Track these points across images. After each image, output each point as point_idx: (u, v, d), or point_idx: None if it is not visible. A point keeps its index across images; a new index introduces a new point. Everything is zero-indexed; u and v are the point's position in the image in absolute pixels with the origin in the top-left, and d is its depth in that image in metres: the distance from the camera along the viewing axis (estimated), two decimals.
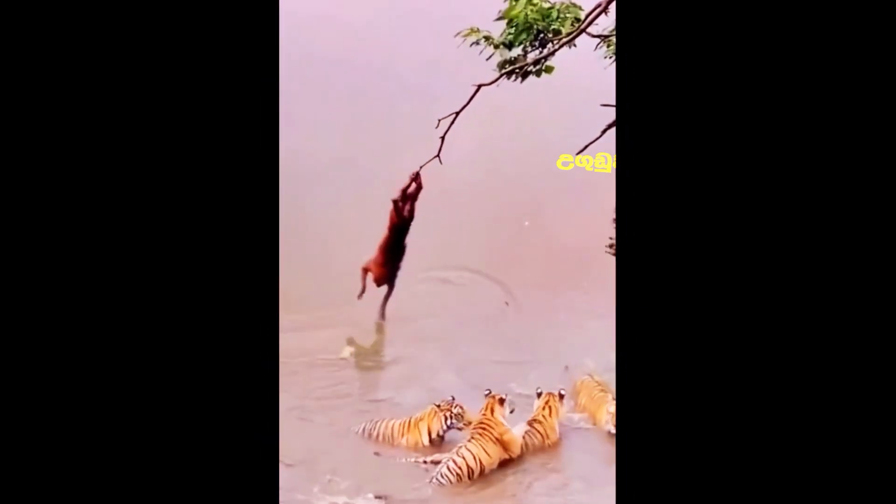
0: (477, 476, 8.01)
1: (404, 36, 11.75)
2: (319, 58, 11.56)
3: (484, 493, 7.88)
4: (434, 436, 8.39)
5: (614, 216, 7.58)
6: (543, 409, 8.56)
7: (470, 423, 8.32)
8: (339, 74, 11.70)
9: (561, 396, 8.64)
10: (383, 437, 8.48)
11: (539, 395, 8.62)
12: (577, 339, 9.50)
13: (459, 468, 7.95)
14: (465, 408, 8.44)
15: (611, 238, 8.56)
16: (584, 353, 9.26)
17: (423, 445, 8.38)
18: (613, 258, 4.94)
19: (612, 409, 8.24)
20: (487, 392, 8.41)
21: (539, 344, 9.58)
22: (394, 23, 11.94)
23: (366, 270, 9.87)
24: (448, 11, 10.29)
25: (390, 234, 9.59)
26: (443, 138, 7.53)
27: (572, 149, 7.07)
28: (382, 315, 9.89)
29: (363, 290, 9.88)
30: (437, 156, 7.86)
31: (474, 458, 8.04)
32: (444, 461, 7.98)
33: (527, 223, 10.79)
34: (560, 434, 8.57)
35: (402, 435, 8.45)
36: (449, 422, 8.40)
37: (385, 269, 9.75)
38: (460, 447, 8.07)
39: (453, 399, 8.48)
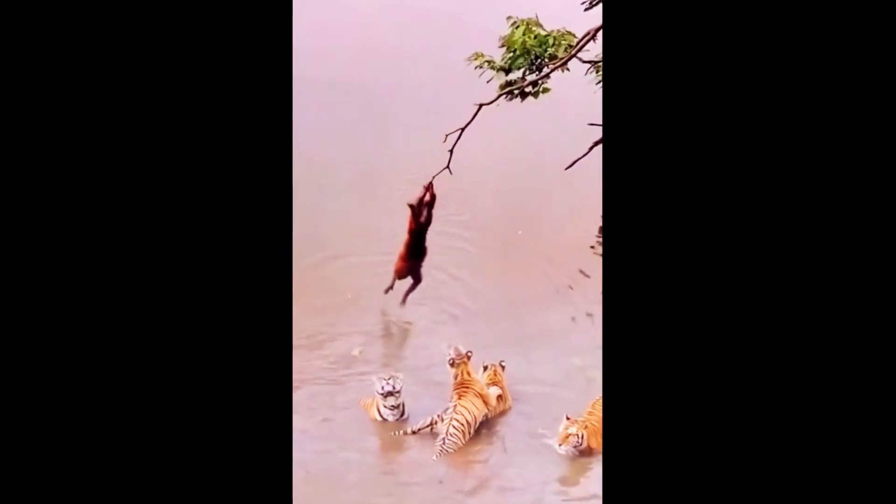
0: (473, 430, 8.57)
1: (414, 54, 12.22)
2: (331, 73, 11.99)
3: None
4: (379, 416, 8.79)
5: (600, 225, 7.92)
6: (495, 375, 9.02)
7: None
8: (350, 88, 12.11)
9: (502, 367, 9.09)
10: (364, 408, 8.95)
11: (485, 368, 9.06)
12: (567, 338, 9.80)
13: (462, 425, 8.50)
14: (398, 383, 8.70)
15: (597, 237, 8.94)
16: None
17: (378, 421, 8.79)
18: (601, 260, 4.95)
19: (573, 430, 8.46)
20: (450, 360, 8.86)
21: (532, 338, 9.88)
22: (406, 42, 12.37)
23: (395, 271, 10.18)
24: (454, 32, 10.74)
25: (410, 238, 9.91)
26: (451, 151, 7.87)
27: (562, 163, 7.26)
28: (403, 302, 10.16)
29: (390, 287, 10.18)
30: (447, 167, 8.18)
31: (469, 412, 8.59)
32: (444, 426, 8.50)
33: (520, 232, 11.07)
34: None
35: (368, 409, 8.91)
36: (383, 405, 8.71)
37: (407, 264, 10.05)
38: (455, 407, 8.58)
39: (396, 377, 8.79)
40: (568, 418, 8.51)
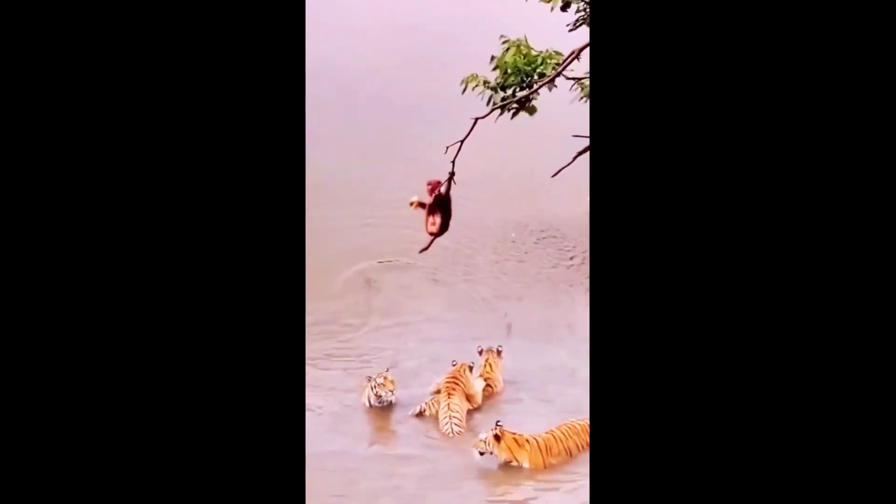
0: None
1: (416, 72, 12.75)
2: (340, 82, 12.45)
3: None
4: (370, 404, 9.26)
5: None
6: (485, 365, 9.49)
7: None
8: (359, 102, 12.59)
9: (499, 352, 9.55)
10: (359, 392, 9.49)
11: (480, 352, 9.52)
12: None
13: (461, 418, 9.05)
14: (388, 379, 9.16)
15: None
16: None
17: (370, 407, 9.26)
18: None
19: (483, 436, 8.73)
20: (454, 362, 9.30)
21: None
22: (408, 60, 12.91)
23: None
24: (454, 52, 11.23)
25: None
26: (454, 162, 7.68)
27: (549, 171, 7.64)
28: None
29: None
30: (452, 177, 7.93)
31: (460, 408, 9.13)
32: (447, 421, 9.02)
33: (513, 235, 11.54)
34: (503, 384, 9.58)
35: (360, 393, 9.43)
36: (376, 395, 9.19)
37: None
38: (451, 403, 9.09)
39: (387, 370, 9.28)
40: (498, 423, 8.66)
